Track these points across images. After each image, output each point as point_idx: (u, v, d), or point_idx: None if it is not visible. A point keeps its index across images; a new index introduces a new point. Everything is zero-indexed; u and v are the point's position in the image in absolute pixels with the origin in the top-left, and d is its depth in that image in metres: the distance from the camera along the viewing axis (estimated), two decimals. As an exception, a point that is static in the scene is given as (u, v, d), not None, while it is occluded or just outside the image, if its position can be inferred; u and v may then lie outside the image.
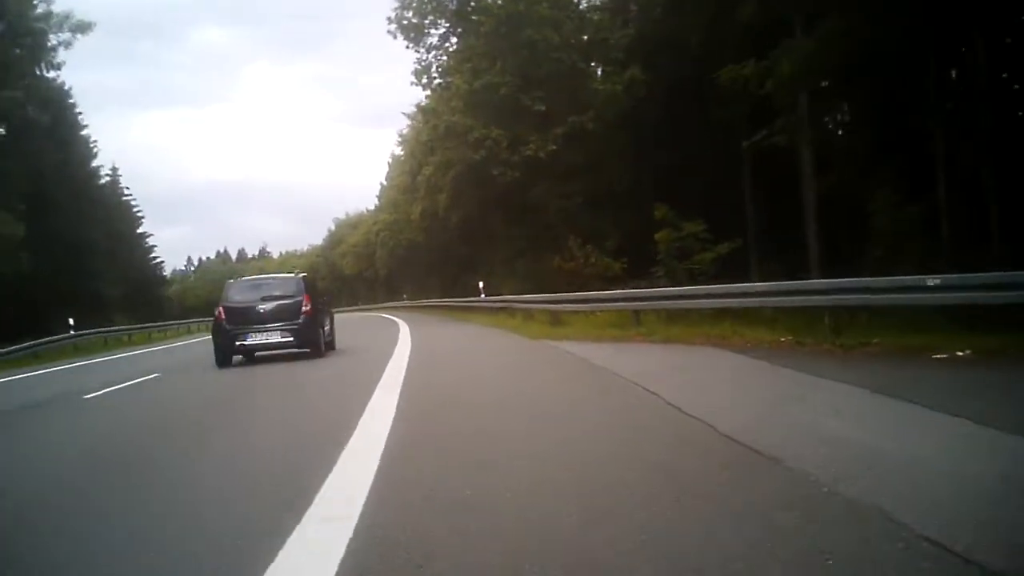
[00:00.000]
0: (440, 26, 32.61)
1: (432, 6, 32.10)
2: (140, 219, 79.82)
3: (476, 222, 37.17)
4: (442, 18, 32.34)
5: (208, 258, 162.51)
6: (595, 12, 31.73)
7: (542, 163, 29.24)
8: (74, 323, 32.74)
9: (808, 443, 4.87)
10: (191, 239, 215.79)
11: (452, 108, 31.19)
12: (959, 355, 8.23)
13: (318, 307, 16.24)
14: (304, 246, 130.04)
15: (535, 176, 29.96)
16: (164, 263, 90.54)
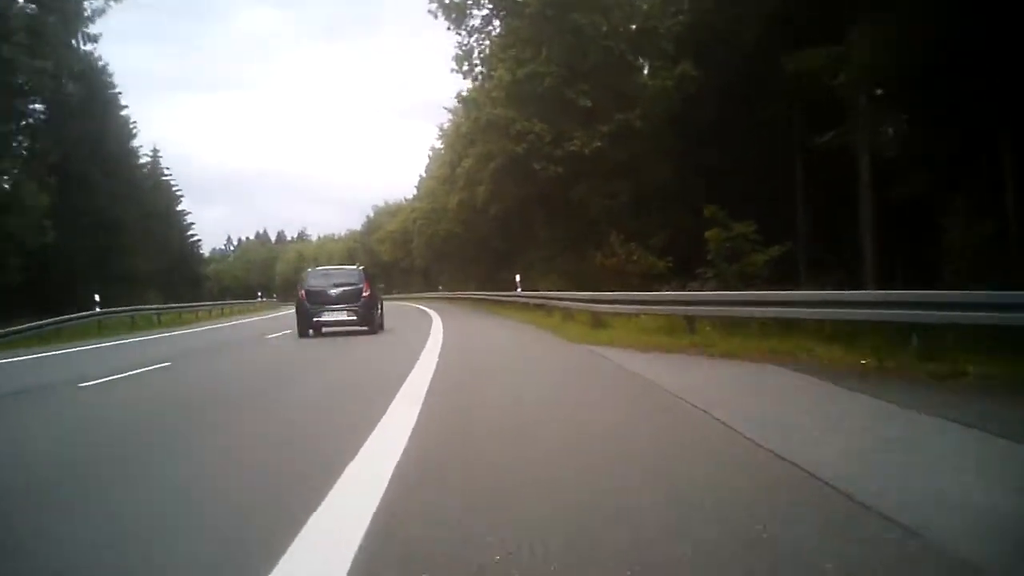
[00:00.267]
0: (483, 6, 31.35)
1: (476, -17, 30.96)
2: (179, 198, 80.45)
3: (515, 216, 36.03)
4: (486, -4, 31.17)
5: (248, 239, 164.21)
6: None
7: (586, 160, 28.02)
8: (102, 300, 32.25)
9: (946, 509, 3.77)
10: (231, 220, 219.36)
11: (493, 100, 29.93)
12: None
13: (374, 293, 20.04)
14: (342, 231, 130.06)
15: (578, 173, 28.75)
16: (202, 242, 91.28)
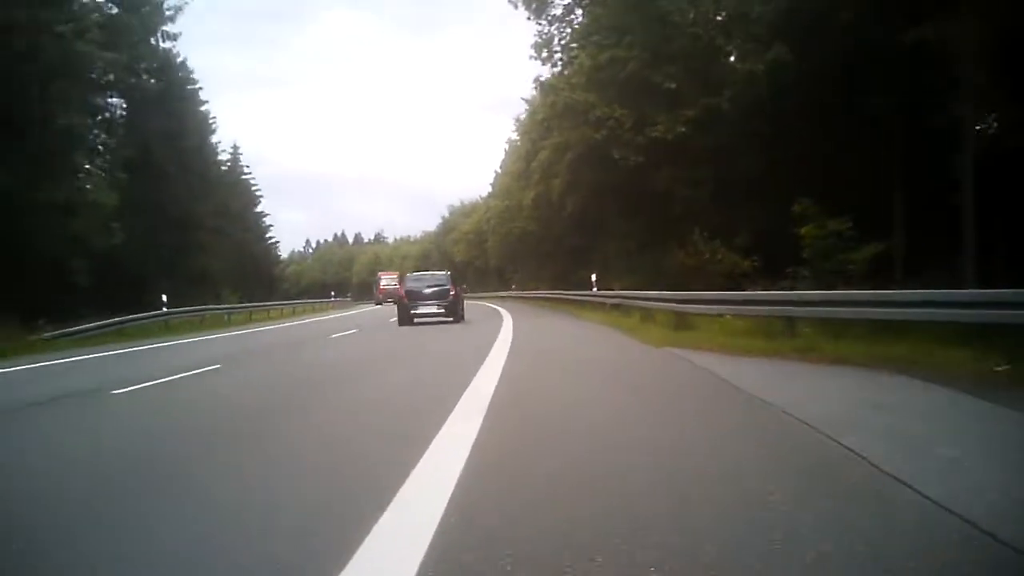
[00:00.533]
0: (565, -5, 29.83)
1: (558, -28, 29.44)
2: (259, 198, 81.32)
3: (592, 210, 34.31)
4: (568, -14, 29.60)
5: (326, 240, 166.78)
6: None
7: (668, 147, 26.21)
8: (170, 299, 31.92)
9: None
10: (311, 222, 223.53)
11: (572, 85, 28.35)
12: None
13: (458, 292, 24.58)
14: (419, 232, 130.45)
15: (660, 161, 26.93)
16: (279, 243, 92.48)
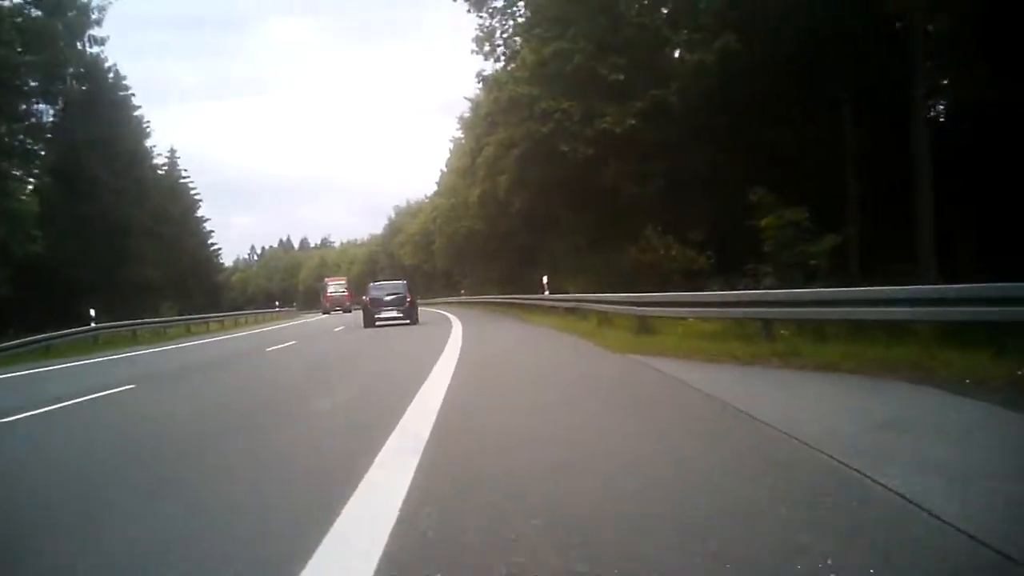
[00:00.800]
0: (506, -13, 28.96)
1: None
2: (198, 203, 78.36)
3: (540, 207, 33.47)
4: (508, -22, 28.75)
5: (271, 247, 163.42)
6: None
7: (618, 140, 25.50)
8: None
9: None
10: (256, 228, 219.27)
11: (517, 79, 27.49)
12: None
13: (414, 299, 28.71)
14: (366, 235, 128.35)
15: (609, 155, 26.24)
16: (221, 249, 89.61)
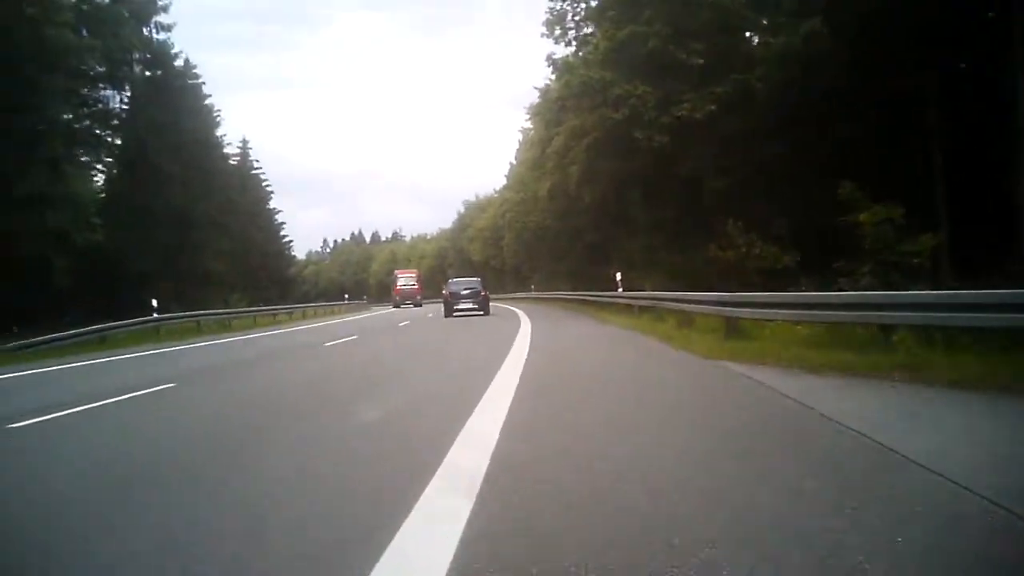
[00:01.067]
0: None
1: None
2: (270, 194, 78.91)
3: (612, 200, 31.87)
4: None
5: (343, 240, 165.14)
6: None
7: (697, 127, 23.84)
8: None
9: None
10: (329, 222, 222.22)
11: (589, 62, 25.99)
12: None
13: (487, 294, 31.75)
14: (436, 229, 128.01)
15: (687, 143, 24.57)
16: (293, 242, 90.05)
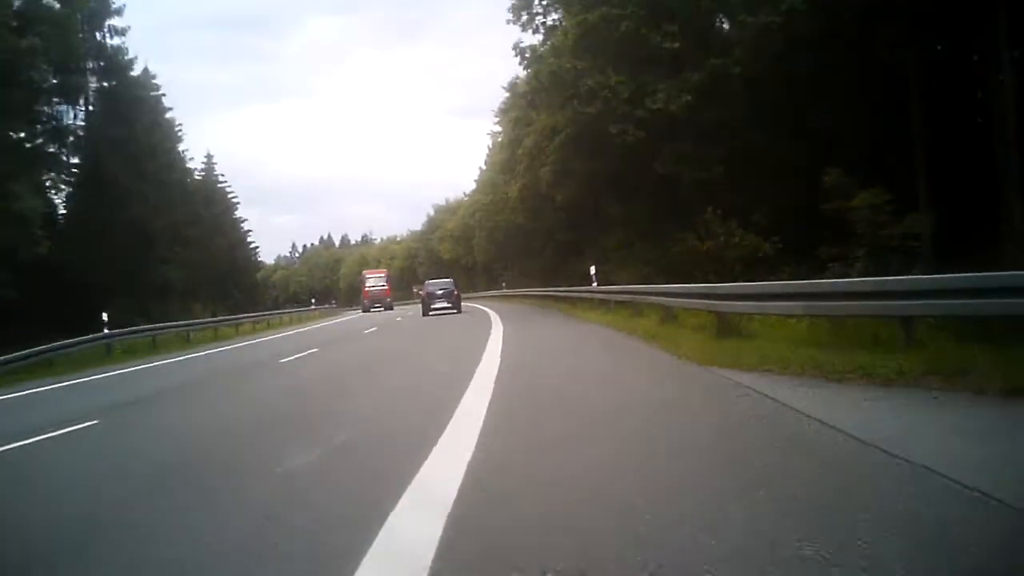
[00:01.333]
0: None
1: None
2: (235, 204, 77.74)
3: (587, 200, 30.83)
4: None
5: (312, 244, 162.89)
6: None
7: (673, 120, 22.88)
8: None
9: None
10: (299, 227, 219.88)
11: (558, 50, 24.85)
12: None
13: (459, 293, 34.76)
14: (405, 232, 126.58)
15: (663, 137, 23.61)
16: (259, 248, 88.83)
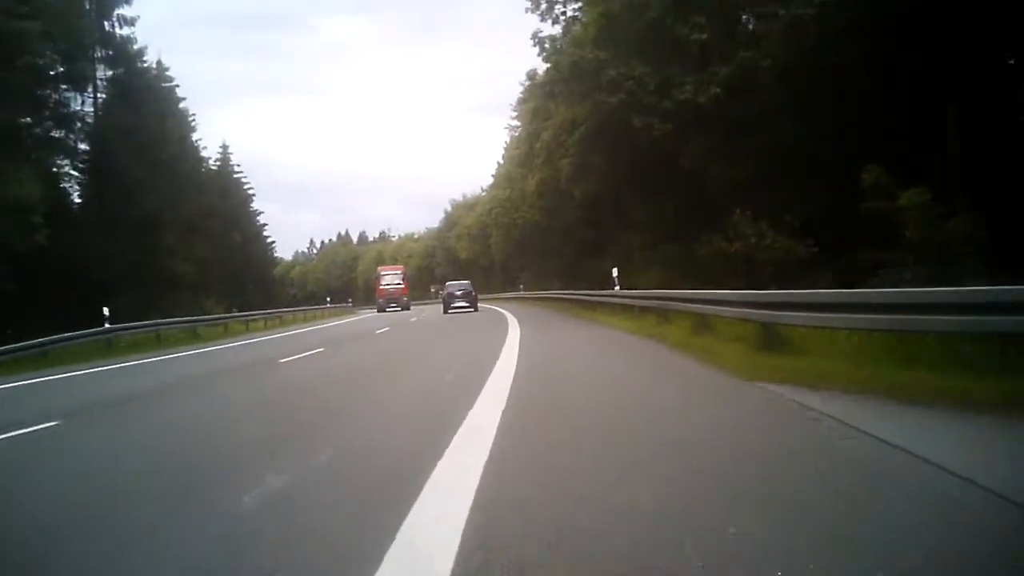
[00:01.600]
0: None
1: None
2: (251, 197, 77.23)
3: (607, 196, 29.71)
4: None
5: (330, 240, 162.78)
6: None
7: (701, 112, 21.79)
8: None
9: None
10: (318, 224, 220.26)
11: (579, 41, 23.79)
12: None
13: (476, 294, 40.21)
14: (423, 229, 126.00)
15: (690, 131, 22.52)
16: (276, 244, 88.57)
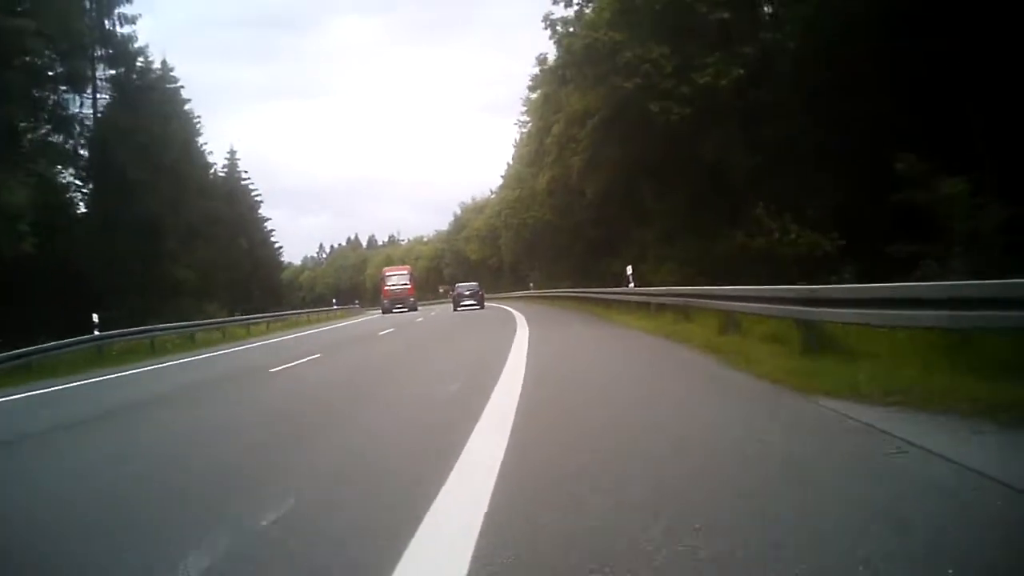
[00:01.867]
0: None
1: None
2: (259, 202, 76.41)
3: (620, 191, 28.30)
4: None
5: (340, 244, 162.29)
6: None
7: (720, 99, 20.60)
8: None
9: None
10: (327, 228, 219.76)
11: (594, 23, 22.59)
12: None
13: (483, 294, 46.48)
14: (433, 232, 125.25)
15: (707, 119, 21.31)
16: (283, 248, 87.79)
